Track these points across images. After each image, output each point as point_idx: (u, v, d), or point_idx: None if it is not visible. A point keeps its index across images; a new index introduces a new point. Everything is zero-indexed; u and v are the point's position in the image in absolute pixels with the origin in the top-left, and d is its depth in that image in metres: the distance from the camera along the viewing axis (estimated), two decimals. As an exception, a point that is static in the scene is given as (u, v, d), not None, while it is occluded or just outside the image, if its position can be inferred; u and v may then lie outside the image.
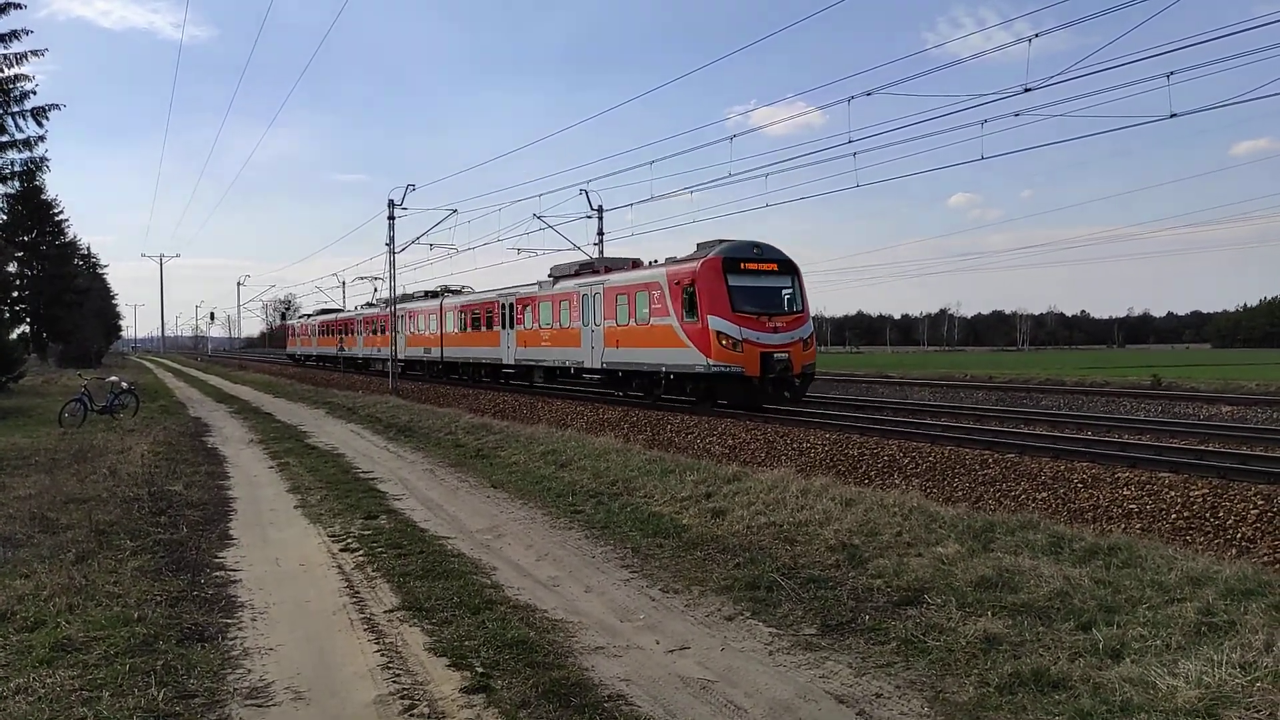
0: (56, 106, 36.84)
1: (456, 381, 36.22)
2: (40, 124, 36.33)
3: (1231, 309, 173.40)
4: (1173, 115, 14.72)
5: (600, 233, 38.83)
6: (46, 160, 37.83)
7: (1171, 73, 14.43)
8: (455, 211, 37.24)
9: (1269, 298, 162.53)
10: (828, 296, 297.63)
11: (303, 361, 66.97)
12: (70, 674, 5.16)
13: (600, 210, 38.08)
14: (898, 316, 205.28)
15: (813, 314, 21.47)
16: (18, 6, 35.64)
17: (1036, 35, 16.11)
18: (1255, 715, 4.26)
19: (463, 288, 40.08)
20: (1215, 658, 4.83)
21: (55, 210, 59.44)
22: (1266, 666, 4.69)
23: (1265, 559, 8.43)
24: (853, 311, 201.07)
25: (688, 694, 5.08)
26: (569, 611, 6.62)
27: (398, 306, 39.47)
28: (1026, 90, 15.94)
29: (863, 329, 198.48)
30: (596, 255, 32.95)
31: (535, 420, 21.56)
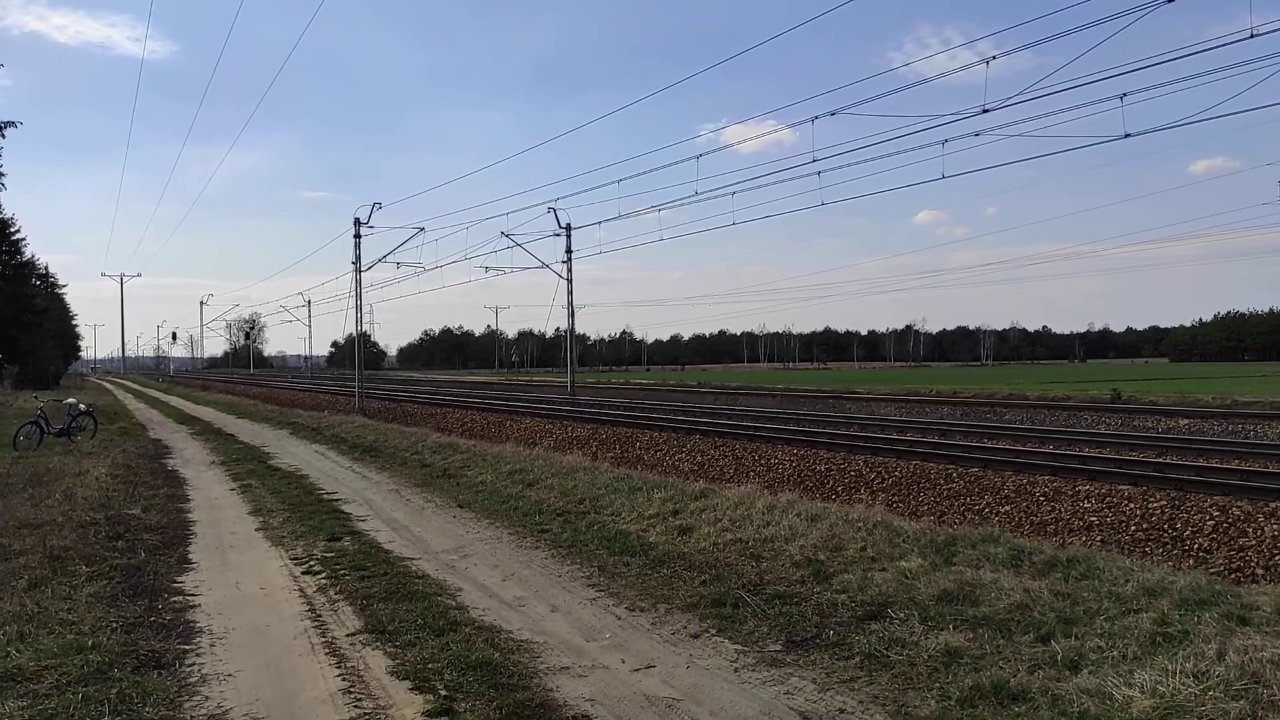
0: (13, 124, 36.16)
1: (425, 401, 33.31)
2: (-5, 143, 35.75)
3: (1188, 324, 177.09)
4: (1126, 135, 15.15)
5: (569, 250, 38.92)
6: (2, 178, 37.26)
7: (1124, 94, 14.82)
8: (422, 230, 36.69)
9: (1224, 313, 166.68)
10: (795, 313, 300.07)
11: None
12: (20, 704, 5.03)
13: (568, 228, 38.20)
14: (864, 332, 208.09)
15: (779, 331, 19.31)
16: (-29, 23, 35.15)
17: (994, 57, 16.47)
18: (1208, 724, 4.33)
19: None
20: (1170, 667, 4.91)
21: (12, 229, 58.15)
22: (1219, 675, 4.77)
23: (1220, 569, 8.61)
24: (820, 328, 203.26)
25: (652, 713, 5.07)
26: (534, 632, 6.58)
27: None
28: (985, 111, 16.28)
29: (830, 345, 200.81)
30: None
31: (503, 439, 21.46)
